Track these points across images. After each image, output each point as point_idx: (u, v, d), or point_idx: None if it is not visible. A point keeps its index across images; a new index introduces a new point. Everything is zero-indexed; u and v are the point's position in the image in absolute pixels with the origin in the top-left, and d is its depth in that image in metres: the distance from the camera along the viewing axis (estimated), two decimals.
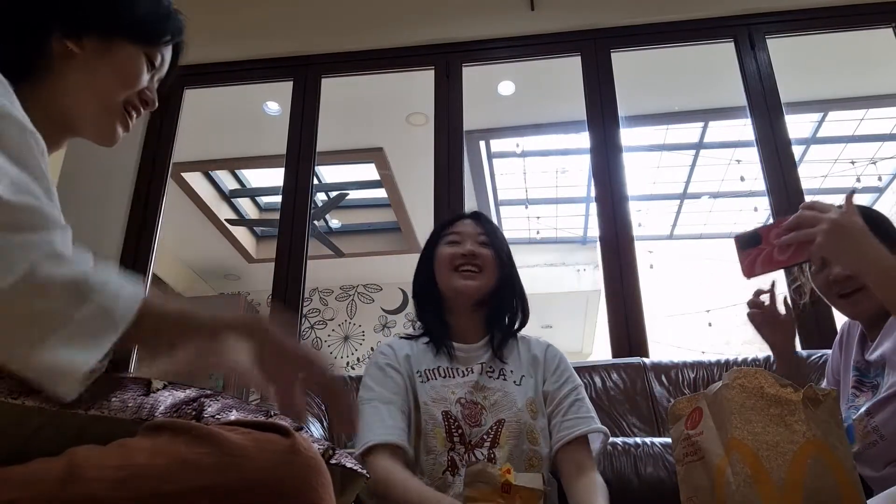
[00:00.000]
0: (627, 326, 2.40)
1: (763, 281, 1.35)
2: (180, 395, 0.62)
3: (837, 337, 1.51)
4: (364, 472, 0.65)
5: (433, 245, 1.49)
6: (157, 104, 0.91)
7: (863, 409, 1.26)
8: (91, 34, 0.81)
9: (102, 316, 0.59)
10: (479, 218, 1.51)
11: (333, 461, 0.59)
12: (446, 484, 1.23)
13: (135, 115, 0.88)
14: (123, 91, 0.85)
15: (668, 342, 5.60)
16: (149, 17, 0.86)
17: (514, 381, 1.37)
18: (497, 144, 5.30)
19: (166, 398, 0.61)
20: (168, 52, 0.93)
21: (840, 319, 2.11)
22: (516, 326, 1.48)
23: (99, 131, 0.85)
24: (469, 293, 1.40)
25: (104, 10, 0.83)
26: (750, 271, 1.17)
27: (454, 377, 1.36)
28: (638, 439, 1.57)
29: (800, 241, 1.12)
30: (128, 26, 0.84)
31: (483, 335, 1.44)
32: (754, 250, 1.16)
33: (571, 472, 1.28)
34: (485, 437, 1.28)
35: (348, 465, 0.63)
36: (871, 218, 1.40)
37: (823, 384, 1.54)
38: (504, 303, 1.46)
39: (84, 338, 0.58)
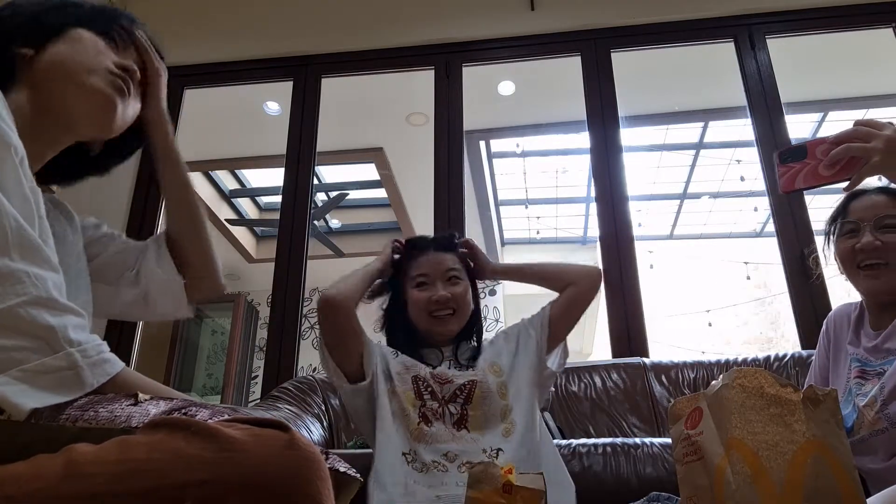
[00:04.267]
0: (627, 326, 2.40)
1: None
2: (168, 404, 0.62)
3: (823, 331, 1.49)
4: (358, 476, 0.65)
5: (402, 283, 1.49)
6: (137, 72, 0.93)
7: (873, 394, 1.23)
8: (47, 36, 0.86)
9: (69, 371, 0.63)
10: (443, 247, 1.50)
11: (327, 464, 0.59)
12: (423, 433, 1.27)
13: (123, 83, 0.89)
14: (90, 59, 0.86)
15: (668, 342, 5.61)
16: (86, 12, 0.92)
17: (483, 368, 1.41)
18: (497, 144, 5.30)
19: (155, 407, 0.61)
20: (126, 40, 0.95)
21: None
22: (476, 336, 1.52)
23: (88, 100, 0.85)
24: (447, 336, 1.45)
25: (50, 17, 0.88)
26: (789, 185, 1.10)
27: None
28: (638, 439, 1.57)
29: (851, 155, 1.04)
30: (74, 21, 0.89)
31: (450, 342, 1.48)
32: (798, 164, 1.08)
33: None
34: (458, 392, 1.33)
35: (342, 469, 0.63)
36: None
37: (807, 381, 1.53)
38: (473, 319, 1.51)
39: (38, 384, 0.60)
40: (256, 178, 5.44)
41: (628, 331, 2.39)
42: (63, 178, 1.01)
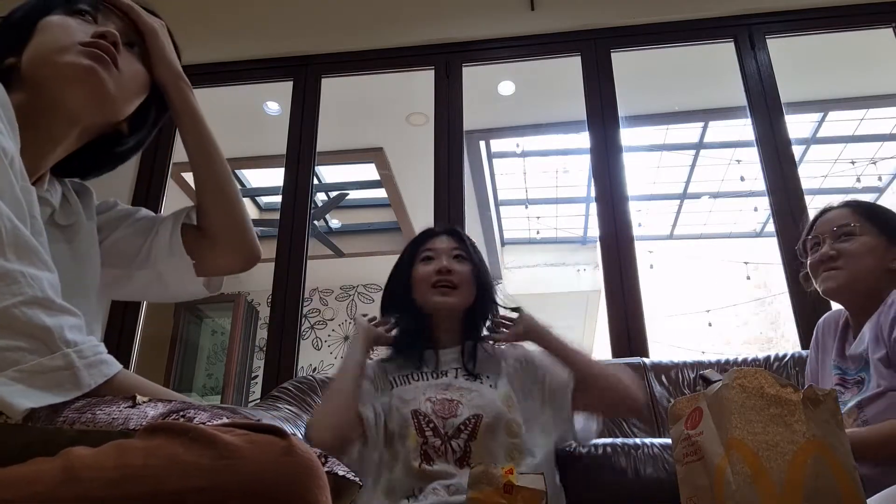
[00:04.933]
0: (627, 326, 2.40)
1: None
2: (167, 406, 0.62)
3: (813, 338, 1.54)
4: (357, 479, 0.65)
5: (409, 264, 1.49)
6: (117, 35, 0.87)
7: (853, 403, 1.27)
8: (20, 42, 0.84)
9: (66, 371, 0.62)
10: (453, 233, 1.52)
11: (326, 468, 0.59)
12: (424, 473, 1.24)
13: (102, 51, 0.84)
14: (59, 40, 0.83)
15: (668, 342, 5.61)
16: None
17: (490, 385, 1.38)
18: (497, 144, 5.30)
19: (153, 409, 0.61)
20: (103, 10, 0.91)
21: None
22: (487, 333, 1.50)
23: (68, 78, 0.82)
24: (447, 309, 1.43)
25: (12, 24, 0.86)
26: None
27: (426, 380, 1.38)
28: (638, 440, 1.57)
29: None
30: (37, 13, 0.86)
31: (458, 342, 1.46)
32: None
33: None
34: (462, 427, 1.28)
35: (341, 472, 0.62)
36: (877, 213, 1.43)
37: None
38: (480, 313, 1.49)
39: (35, 384, 0.60)
40: (256, 178, 5.44)
41: (628, 331, 2.39)
42: (94, 170, 0.99)
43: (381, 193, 5.39)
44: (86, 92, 0.83)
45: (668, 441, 1.42)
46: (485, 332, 1.51)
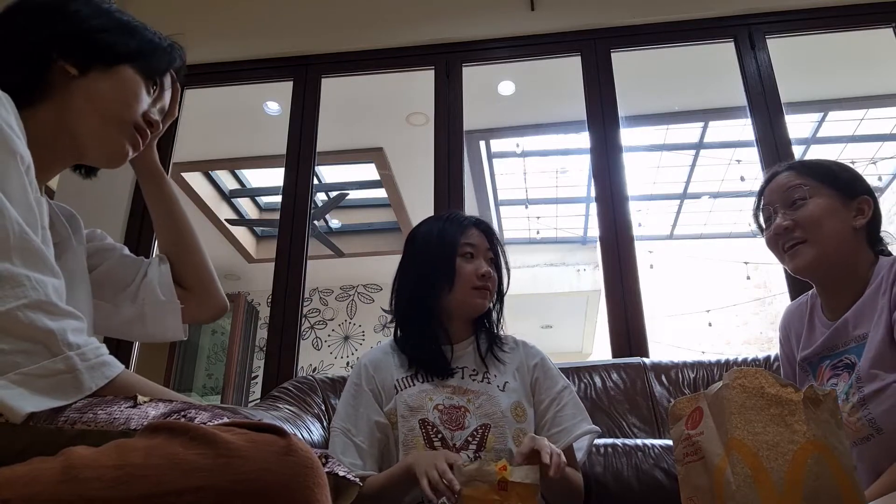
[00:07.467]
0: (627, 326, 2.40)
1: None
2: (168, 406, 0.62)
3: (779, 342, 1.43)
4: (357, 480, 0.65)
5: (451, 253, 1.42)
6: (161, 127, 0.96)
7: (855, 399, 1.15)
8: (94, 63, 0.86)
9: (68, 375, 0.63)
10: (488, 231, 1.49)
11: (326, 469, 0.59)
12: None
13: (142, 139, 0.91)
14: (125, 109, 0.87)
15: (668, 342, 5.61)
16: (147, 47, 0.92)
17: (498, 386, 1.38)
18: (497, 144, 5.30)
19: (154, 409, 0.61)
20: (167, 82, 0.97)
21: None
22: (496, 328, 1.51)
23: (105, 147, 0.88)
24: (481, 312, 1.45)
25: (106, 42, 0.87)
26: None
27: (431, 381, 1.37)
28: (638, 441, 1.57)
29: None
30: (127, 55, 0.89)
31: (468, 335, 1.47)
32: None
33: None
34: (469, 439, 1.29)
35: (341, 473, 0.62)
36: (825, 170, 1.32)
37: None
38: (492, 310, 1.51)
39: (36, 387, 0.60)
40: (256, 178, 5.44)
41: (628, 331, 2.39)
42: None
43: (381, 193, 5.39)
44: (110, 162, 0.91)
45: (669, 442, 1.43)
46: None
